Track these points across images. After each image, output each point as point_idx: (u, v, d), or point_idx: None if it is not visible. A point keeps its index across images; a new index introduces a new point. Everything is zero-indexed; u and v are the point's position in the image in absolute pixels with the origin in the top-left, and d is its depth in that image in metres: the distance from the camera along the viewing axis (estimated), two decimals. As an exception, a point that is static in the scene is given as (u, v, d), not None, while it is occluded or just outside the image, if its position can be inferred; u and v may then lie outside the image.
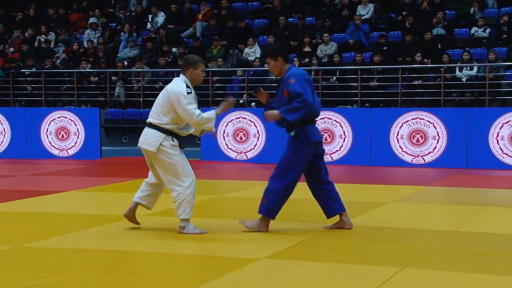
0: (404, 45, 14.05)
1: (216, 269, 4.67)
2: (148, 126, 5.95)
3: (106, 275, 4.55)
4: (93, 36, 16.74)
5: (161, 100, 5.90)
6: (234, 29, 15.85)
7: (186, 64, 5.96)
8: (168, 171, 5.86)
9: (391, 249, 5.34)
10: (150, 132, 5.90)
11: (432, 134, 11.67)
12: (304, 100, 5.68)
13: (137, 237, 5.80)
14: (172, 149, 5.86)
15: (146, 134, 5.95)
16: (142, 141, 5.96)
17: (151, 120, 5.94)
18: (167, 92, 5.85)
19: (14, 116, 14.08)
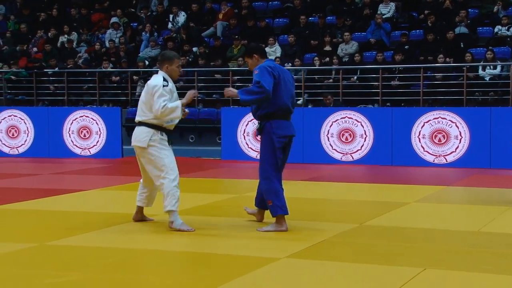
0: (426, 44, 13.95)
1: (236, 268, 4.67)
2: (138, 125, 6.12)
3: (126, 273, 4.58)
4: (114, 36, 16.85)
5: (143, 97, 6.09)
6: (254, 29, 15.85)
7: (162, 60, 6.17)
8: (156, 165, 5.97)
9: (412, 249, 5.30)
10: (139, 129, 6.06)
11: (454, 134, 11.57)
12: (261, 86, 5.85)
13: (157, 236, 5.82)
14: (161, 143, 6.00)
15: (136, 131, 6.10)
16: (133, 139, 6.12)
17: (138, 118, 6.11)
18: (147, 87, 6.05)
19: (37, 115, 14.22)
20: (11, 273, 4.58)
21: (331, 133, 12.23)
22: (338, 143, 12.18)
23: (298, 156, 12.34)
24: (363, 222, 6.40)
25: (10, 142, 14.27)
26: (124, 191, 8.91)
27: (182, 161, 12.91)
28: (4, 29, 18.34)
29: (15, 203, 7.64)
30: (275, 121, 5.98)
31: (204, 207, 7.43)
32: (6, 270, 4.67)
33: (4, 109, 14.58)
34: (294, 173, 10.70)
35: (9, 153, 14.22)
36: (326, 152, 12.26)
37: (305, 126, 12.36)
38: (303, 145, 12.33)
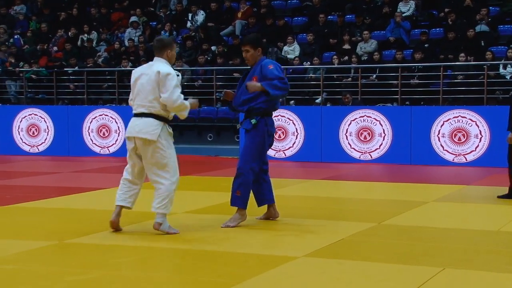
0: (446, 42, 13.84)
1: (254, 267, 4.67)
2: (140, 116, 5.72)
3: (146, 271, 4.60)
4: (134, 35, 16.93)
5: (148, 86, 5.66)
6: (273, 27, 15.84)
7: (163, 45, 5.81)
8: (158, 163, 5.62)
9: (432, 248, 5.27)
10: (146, 121, 5.65)
11: (474, 133, 11.47)
12: (285, 83, 5.87)
13: (178, 235, 5.84)
14: (168, 140, 5.72)
15: (142, 123, 5.66)
16: (137, 130, 5.67)
17: (143, 110, 5.70)
18: (156, 76, 5.62)
19: (57, 114, 14.35)
20: (31, 271, 4.62)
21: (350, 132, 12.18)
22: (356, 142, 12.14)
23: (317, 155, 12.32)
24: (382, 221, 6.37)
25: (31, 141, 14.40)
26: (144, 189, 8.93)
27: (200, 159, 13.00)
28: (25, 29, 18.51)
29: (35, 201, 7.71)
30: (269, 118, 6.08)
31: (221, 205, 7.43)
32: (26, 267, 4.72)
33: (24, 107, 14.73)
34: (313, 172, 10.68)
35: (29, 151, 14.36)
36: (344, 151, 12.22)
37: (324, 125, 12.33)
38: (322, 144, 12.30)
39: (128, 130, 5.79)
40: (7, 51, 17.19)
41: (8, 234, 5.88)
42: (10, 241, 5.56)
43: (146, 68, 5.82)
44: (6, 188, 8.96)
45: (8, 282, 4.35)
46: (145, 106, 5.69)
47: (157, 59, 5.80)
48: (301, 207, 7.52)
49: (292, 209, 7.36)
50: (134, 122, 5.75)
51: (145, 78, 5.72)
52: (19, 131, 14.50)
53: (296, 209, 7.37)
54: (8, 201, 7.65)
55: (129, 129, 5.77)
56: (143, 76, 5.74)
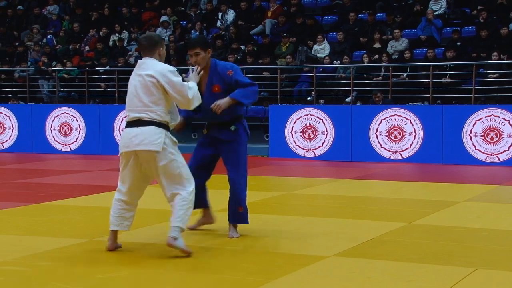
0: (478, 40, 13.66)
1: (284, 265, 4.67)
2: (141, 125, 4.87)
3: (176, 270, 4.63)
4: (164, 34, 17.05)
5: (144, 89, 4.91)
6: (303, 26, 15.80)
7: (154, 43, 5.08)
8: (171, 174, 4.92)
9: (463, 249, 5.21)
10: (148, 130, 4.84)
11: (507, 132, 11.30)
12: (256, 88, 5.64)
13: (204, 233, 5.86)
14: (174, 148, 5.01)
15: (142, 133, 4.84)
16: (137, 142, 4.85)
17: (141, 115, 4.86)
18: (152, 77, 4.91)
19: (89, 113, 14.51)
20: (63, 268, 4.68)
21: (380, 131, 12.10)
22: (387, 141, 12.05)
23: (347, 154, 12.26)
24: (412, 221, 6.32)
25: (62, 139, 14.60)
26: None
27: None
28: (58, 29, 18.76)
29: (67, 199, 7.81)
30: (244, 121, 5.75)
31: (252, 204, 7.42)
32: (57, 265, 4.78)
33: (57, 106, 14.93)
34: (343, 172, 10.63)
35: (61, 150, 14.56)
36: (374, 150, 12.14)
37: (354, 124, 12.26)
38: (352, 143, 12.24)
39: (124, 143, 4.94)
40: (40, 51, 17.46)
41: (40, 232, 5.97)
42: (42, 239, 5.64)
43: (137, 69, 5.07)
44: (39, 186, 9.10)
45: (41, 279, 4.41)
46: (141, 110, 4.87)
47: (147, 59, 5.06)
48: (331, 206, 7.50)
49: (321, 208, 7.34)
50: (130, 133, 4.90)
51: (139, 80, 4.97)
52: (51, 130, 14.70)
53: (326, 208, 7.35)
54: (41, 199, 7.76)
55: (125, 142, 4.92)
56: (135, 78, 5.03)
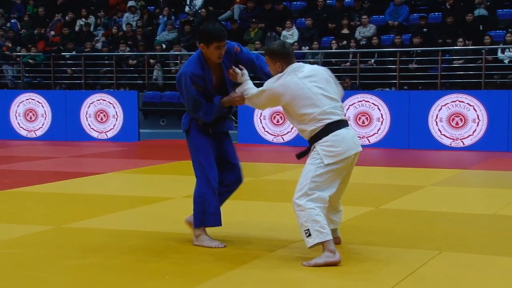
0: (444, 26, 13.81)
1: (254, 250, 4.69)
2: (346, 125, 4.39)
3: (146, 256, 4.62)
4: (131, 20, 16.87)
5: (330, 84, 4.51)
6: (272, 12, 15.78)
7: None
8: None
9: (429, 232, 5.29)
10: (352, 130, 4.46)
11: (472, 117, 11.48)
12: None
13: (176, 219, 5.86)
14: None
15: (353, 133, 4.42)
16: (358, 143, 4.40)
17: (343, 116, 4.42)
18: (326, 72, 4.58)
19: (55, 98, 14.32)
20: (29, 255, 4.64)
21: (348, 117, 12.19)
22: (355, 127, 12.15)
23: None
24: (380, 206, 6.39)
25: (28, 125, 14.39)
26: (142, 174, 8.97)
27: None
28: (22, 13, 18.42)
29: (33, 186, 7.72)
30: None
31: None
32: (24, 252, 4.73)
33: (22, 92, 14.70)
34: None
35: (26, 136, 14.36)
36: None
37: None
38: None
39: (351, 144, 4.32)
40: (4, 36, 17.13)
41: (7, 219, 5.90)
42: (9, 226, 5.57)
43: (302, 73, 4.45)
44: (4, 172, 8.97)
45: (7, 266, 4.37)
46: (341, 111, 4.44)
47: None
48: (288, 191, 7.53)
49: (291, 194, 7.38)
50: (350, 134, 4.37)
51: (326, 74, 4.55)
52: (16, 116, 14.48)
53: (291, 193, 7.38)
54: (6, 186, 7.66)
55: (349, 144, 4.32)
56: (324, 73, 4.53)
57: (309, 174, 4.30)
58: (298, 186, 4.34)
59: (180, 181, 8.22)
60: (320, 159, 4.28)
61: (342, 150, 4.28)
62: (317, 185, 4.27)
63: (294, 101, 4.35)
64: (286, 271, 4.21)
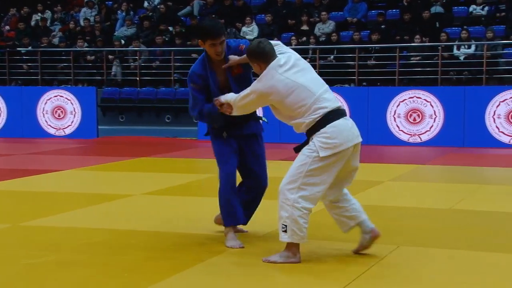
0: (402, 23, 14.00)
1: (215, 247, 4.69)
2: (343, 113, 4.25)
3: (106, 253, 4.58)
4: (89, 15, 16.64)
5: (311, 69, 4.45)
6: (231, 8, 15.76)
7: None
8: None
9: (387, 227, 5.36)
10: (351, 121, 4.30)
11: (429, 113, 11.67)
12: None
13: (136, 216, 5.82)
14: None
15: (352, 123, 4.27)
16: (357, 134, 4.27)
17: (339, 103, 4.31)
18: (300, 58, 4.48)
19: (10, 95, 14.04)
20: (-14, 254, 4.55)
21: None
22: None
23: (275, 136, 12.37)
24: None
25: (-16, 122, 14.09)
26: (101, 171, 8.87)
27: (158, 141, 12.92)
28: (-25, 7, 18.02)
29: (-11, 184, 7.57)
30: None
31: (182, 186, 7.43)
32: (-20, 251, 4.64)
33: (-24, 88, 14.38)
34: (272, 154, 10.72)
35: (-18, 133, 14.06)
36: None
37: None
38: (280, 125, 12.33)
39: (350, 135, 4.20)
40: (-43, 30, 16.73)
41: (-39, 218, 5.76)
42: (-37, 225, 5.45)
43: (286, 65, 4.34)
44: (-42, 171, 8.77)
45: (-39, 266, 4.27)
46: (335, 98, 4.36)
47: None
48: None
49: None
50: (348, 124, 4.23)
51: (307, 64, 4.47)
52: (-29, 113, 14.16)
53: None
54: (-40, 184, 7.49)
55: (347, 134, 4.19)
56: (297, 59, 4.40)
57: (303, 168, 4.12)
58: (290, 176, 4.16)
59: (140, 178, 8.16)
60: (316, 152, 4.11)
61: (339, 142, 4.11)
62: (311, 179, 4.12)
63: (283, 99, 4.17)
64: (248, 267, 4.22)
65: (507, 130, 11.29)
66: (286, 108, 4.22)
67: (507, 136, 11.29)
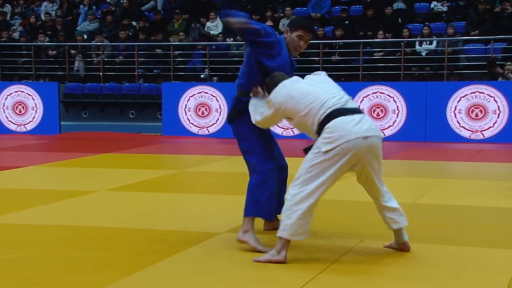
0: (365, 19, 14.13)
1: (178, 243, 4.68)
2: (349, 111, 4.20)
3: (69, 250, 4.53)
4: (50, 9, 16.41)
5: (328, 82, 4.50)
6: (196, 3, 15.70)
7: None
8: (381, 166, 4.37)
9: (350, 221, 5.43)
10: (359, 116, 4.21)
11: (392, 108, 11.82)
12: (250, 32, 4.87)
13: (100, 213, 5.77)
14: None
15: (360, 118, 4.18)
16: (364, 128, 4.12)
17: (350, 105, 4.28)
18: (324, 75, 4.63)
19: (-30, 90, 13.77)
20: None
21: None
22: (279, 118, 12.27)
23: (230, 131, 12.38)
24: (303, 196, 6.48)
25: None
26: (64, 167, 8.76)
27: (122, 136, 12.81)
28: None
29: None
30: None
31: (146, 182, 7.39)
32: None
33: None
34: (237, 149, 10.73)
35: None
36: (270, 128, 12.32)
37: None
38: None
39: (352, 128, 4.10)
40: None
41: None
42: None
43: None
44: None
45: None
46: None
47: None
48: (225, 183, 7.56)
49: (215, 185, 7.40)
50: (349, 119, 4.14)
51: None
52: None
53: (220, 185, 7.40)
54: None
55: (348, 127, 4.10)
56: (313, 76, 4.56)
57: (306, 164, 4.16)
58: (296, 174, 4.20)
59: (104, 174, 8.09)
60: (318, 148, 4.13)
61: (338, 135, 4.05)
62: (312, 174, 4.11)
63: (295, 104, 4.23)
64: (213, 263, 4.23)
65: (468, 125, 11.50)
66: (298, 113, 4.24)
67: (468, 131, 11.51)
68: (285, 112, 4.32)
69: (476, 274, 4.00)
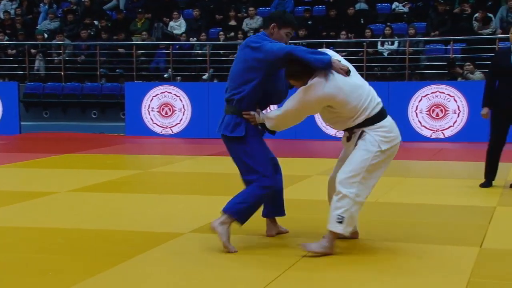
0: (328, 19, 14.24)
1: (140, 244, 4.65)
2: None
3: (31, 252, 4.46)
4: (10, 7, 16.13)
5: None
6: (158, 2, 15.61)
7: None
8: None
9: (314, 220, 5.46)
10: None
11: (354, 108, 11.92)
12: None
13: (61, 214, 5.70)
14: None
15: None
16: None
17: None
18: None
19: None
20: None
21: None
22: (243, 118, 12.27)
23: (204, 131, 12.35)
24: (267, 195, 6.49)
25: None
26: (24, 168, 8.62)
27: (84, 137, 12.66)
28: None
29: None
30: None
31: (109, 183, 7.31)
32: None
33: None
34: (201, 149, 10.71)
35: None
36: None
37: (211, 101, 12.36)
38: (209, 120, 12.34)
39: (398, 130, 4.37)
40: None
41: None
42: None
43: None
44: None
45: None
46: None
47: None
48: (188, 183, 7.54)
49: (179, 185, 7.37)
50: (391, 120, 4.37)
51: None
52: None
53: (184, 185, 7.38)
54: None
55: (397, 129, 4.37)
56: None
57: (365, 162, 4.20)
58: (352, 171, 4.21)
59: (65, 175, 7.98)
60: (377, 147, 4.22)
61: (394, 135, 4.29)
62: (371, 173, 4.24)
63: (346, 97, 4.19)
64: (177, 263, 4.21)
65: (429, 124, 11.67)
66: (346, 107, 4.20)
67: (429, 130, 11.68)
68: (331, 102, 4.19)
69: (436, 272, 4.06)
